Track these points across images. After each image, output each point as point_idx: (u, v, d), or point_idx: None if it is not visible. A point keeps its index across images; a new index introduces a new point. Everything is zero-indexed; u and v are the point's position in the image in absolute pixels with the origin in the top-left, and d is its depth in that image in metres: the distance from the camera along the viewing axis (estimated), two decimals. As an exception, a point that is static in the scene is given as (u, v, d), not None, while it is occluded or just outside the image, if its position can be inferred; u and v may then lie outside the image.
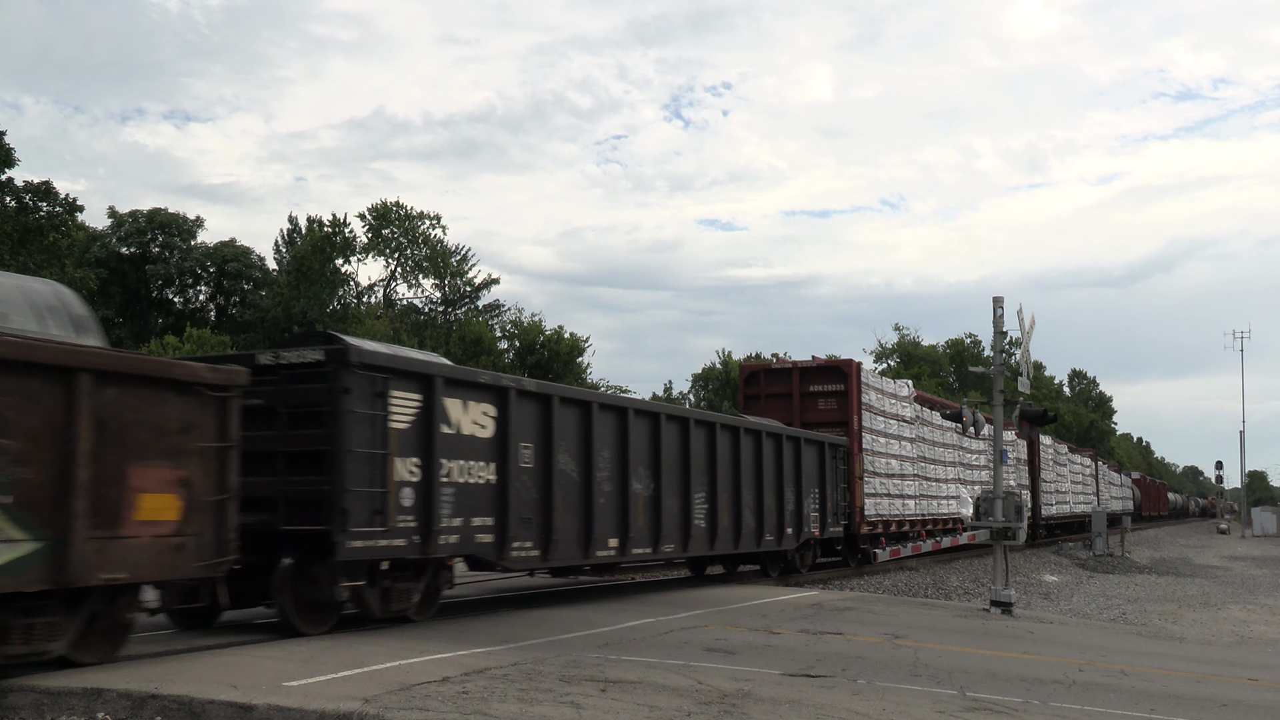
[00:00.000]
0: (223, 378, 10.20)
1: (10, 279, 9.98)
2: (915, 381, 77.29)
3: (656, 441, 17.08)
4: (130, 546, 9.24)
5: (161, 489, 9.59)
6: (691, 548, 18.33)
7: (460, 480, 13.09)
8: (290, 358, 11.89)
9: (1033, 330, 19.57)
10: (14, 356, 8.42)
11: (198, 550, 9.86)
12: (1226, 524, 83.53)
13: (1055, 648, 13.92)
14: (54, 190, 34.00)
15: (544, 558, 14.66)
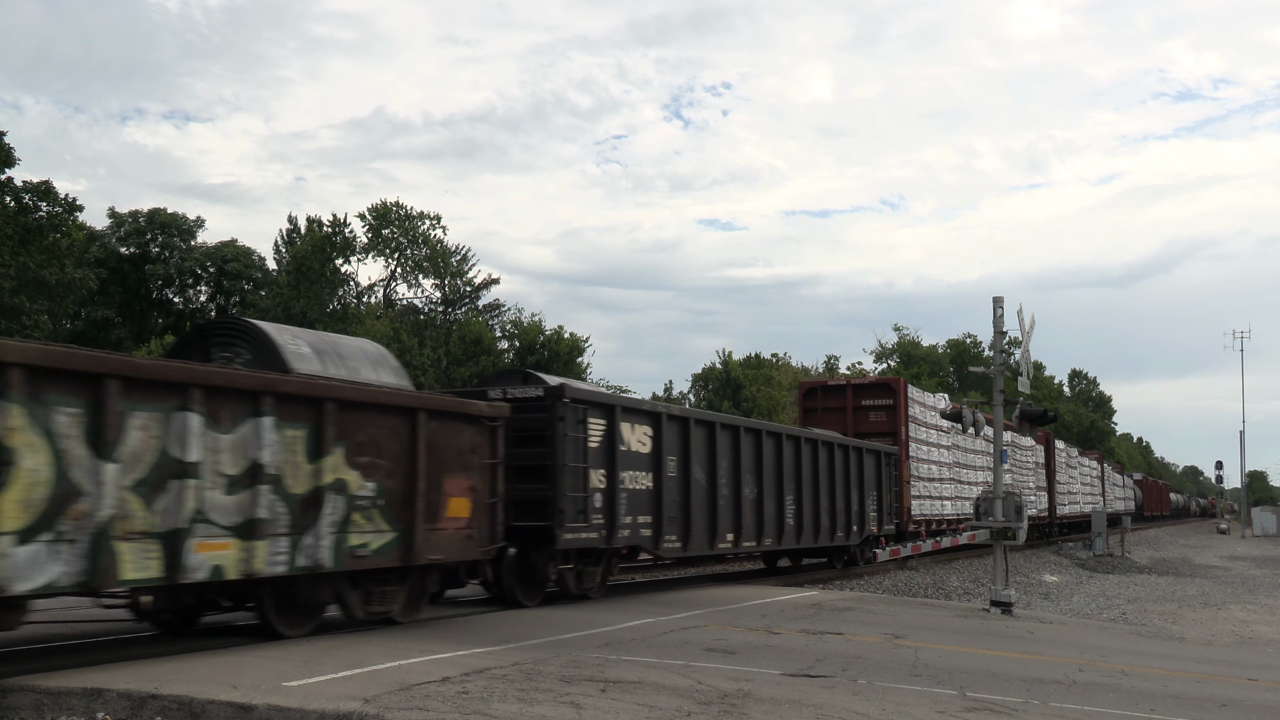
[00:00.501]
0: (495, 411, 13.73)
1: (349, 341, 13.32)
2: (915, 382, 77.83)
3: (759, 453, 20.60)
4: (444, 536, 12.77)
5: (460, 494, 13.06)
6: (784, 542, 21.70)
7: (630, 487, 16.72)
8: (516, 393, 15.30)
9: (1033, 330, 19.58)
10: (385, 401, 12.06)
11: (479, 539, 13.41)
12: (1226, 524, 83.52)
13: (1055, 648, 13.91)
14: (54, 190, 33.99)
15: (684, 549, 18.32)
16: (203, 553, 9.96)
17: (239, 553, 10.31)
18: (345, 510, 11.46)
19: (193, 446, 9.88)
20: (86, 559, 8.95)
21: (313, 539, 11.07)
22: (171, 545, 9.67)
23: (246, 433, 10.45)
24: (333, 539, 11.30)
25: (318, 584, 11.57)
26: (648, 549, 17.55)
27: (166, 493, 9.67)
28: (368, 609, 12.25)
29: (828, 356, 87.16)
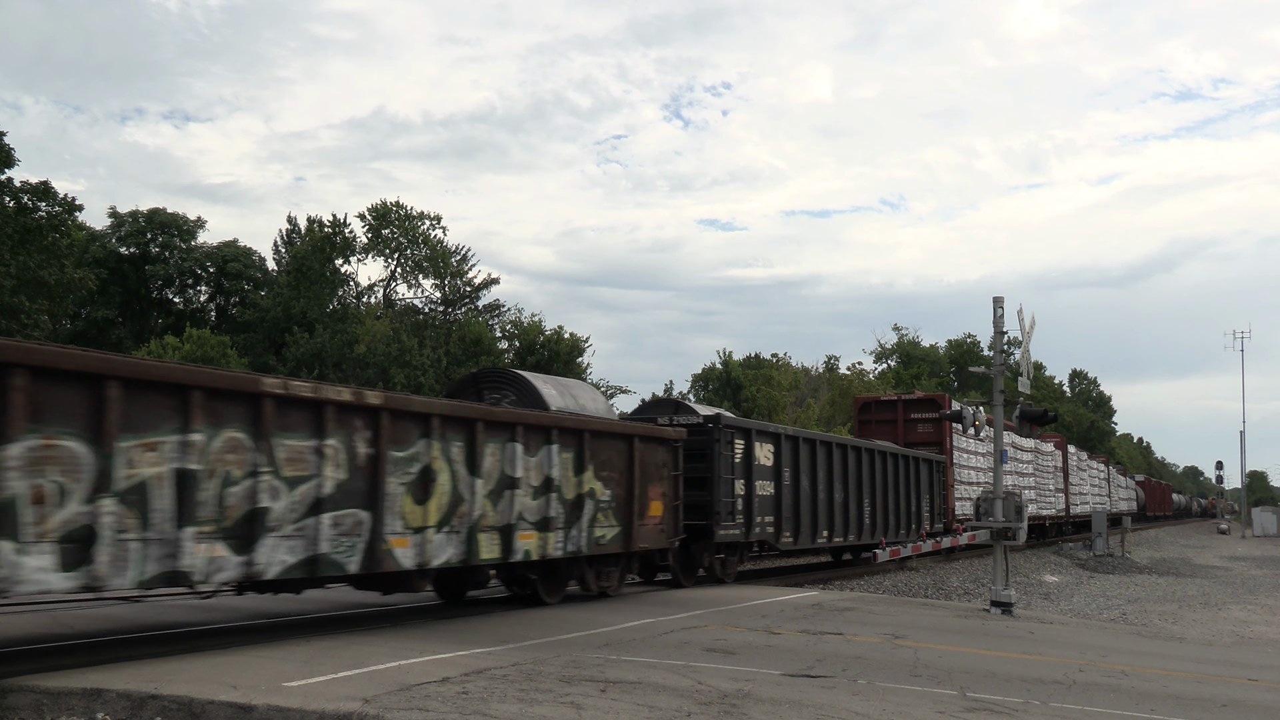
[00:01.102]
0: (678, 435, 18.07)
1: (571, 381, 17.68)
2: (915, 382, 77.49)
3: (845, 463, 24.89)
4: (648, 530, 17.09)
5: (657, 499, 17.37)
6: (862, 537, 25.87)
7: (760, 494, 21.01)
8: (682, 421, 19.51)
9: (1033, 330, 19.56)
10: (616, 430, 16.50)
11: (668, 533, 17.76)
12: (1227, 524, 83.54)
13: (1055, 648, 13.91)
14: (53, 190, 33.99)
15: (795, 543, 22.56)
16: (522, 540, 14.20)
17: (539, 541, 14.57)
18: (594, 511, 15.75)
19: (518, 466, 14.15)
20: (464, 544, 13.18)
21: (576, 531, 15.39)
22: (506, 536, 13.92)
23: (542, 456, 14.74)
24: (587, 532, 15.64)
25: (572, 565, 15.91)
26: (771, 543, 21.78)
27: (503, 499, 13.92)
28: (598, 584, 16.62)
29: (828, 356, 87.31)
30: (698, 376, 70.68)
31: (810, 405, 61.34)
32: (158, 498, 9.52)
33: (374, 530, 11.81)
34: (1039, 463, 42.03)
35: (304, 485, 11.00)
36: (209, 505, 9.94)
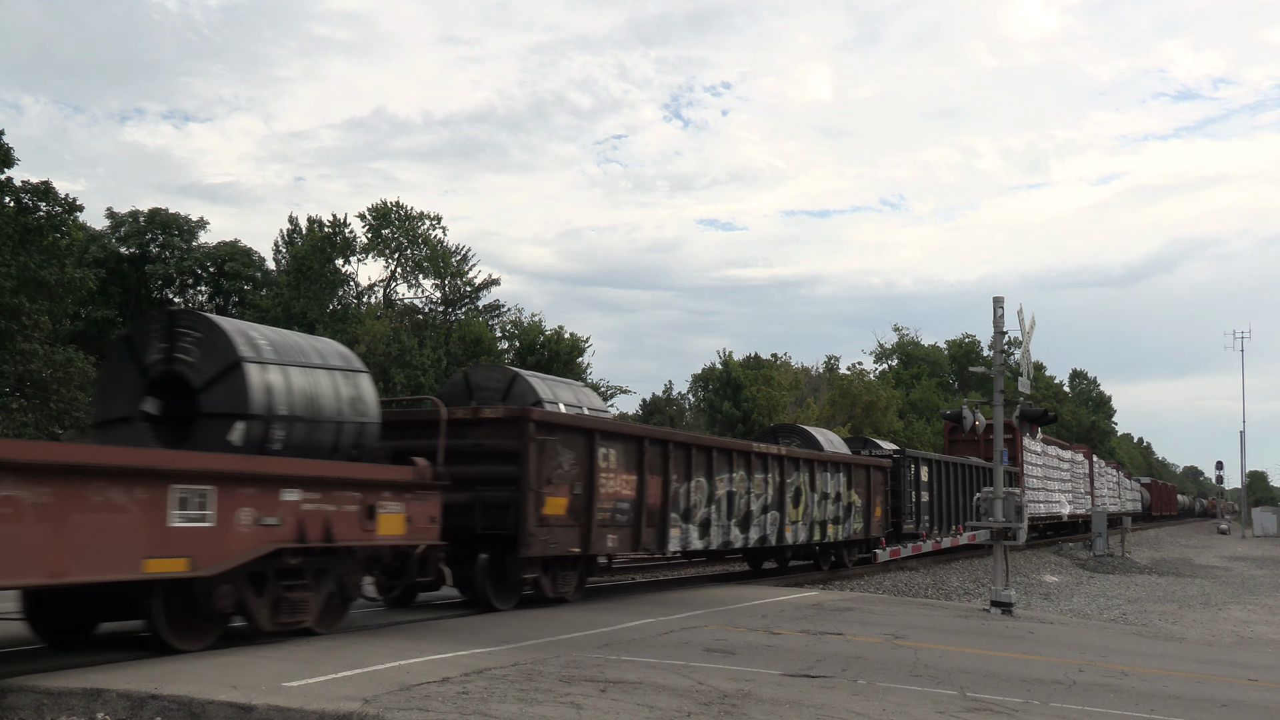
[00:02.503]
0: (883, 464, 27.38)
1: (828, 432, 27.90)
2: (915, 382, 77.24)
3: (957, 474, 33.99)
4: (875, 525, 26.84)
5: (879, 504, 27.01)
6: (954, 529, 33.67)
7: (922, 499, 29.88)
8: (877, 453, 28.33)
9: (1033, 330, 19.56)
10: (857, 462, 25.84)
11: (883, 528, 26.96)
12: (1227, 524, 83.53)
13: (1055, 648, 13.91)
14: (53, 190, 33.96)
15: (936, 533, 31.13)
16: (829, 530, 23.81)
17: (834, 530, 23.99)
18: (853, 512, 24.74)
19: (827, 486, 23.68)
20: (809, 531, 22.92)
21: (847, 525, 24.48)
22: (822, 527, 23.54)
23: (835, 479, 24.02)
24: (850, 525, 24.76)
25: (840, 547, 25.04)
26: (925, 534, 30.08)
27: (821, 505, 23.35)
28: (849, 559, 25.80)
29: (828, 356, 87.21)
30: (698, 376, 70.60)
31: (810, 405, 61.29)
32: (723, 505, 19.40)
33: (780, 523, 21.57)
34: (1073, 470, 51.34)
35: (761, 498, 20.85)
36: (736, 509, 19.83)
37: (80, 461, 9.18)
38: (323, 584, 11.76)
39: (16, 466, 8.59)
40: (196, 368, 11.21)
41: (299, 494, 11.24)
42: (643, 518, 16.68)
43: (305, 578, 11.50)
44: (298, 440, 11.62)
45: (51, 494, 8.81)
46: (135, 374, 11.51)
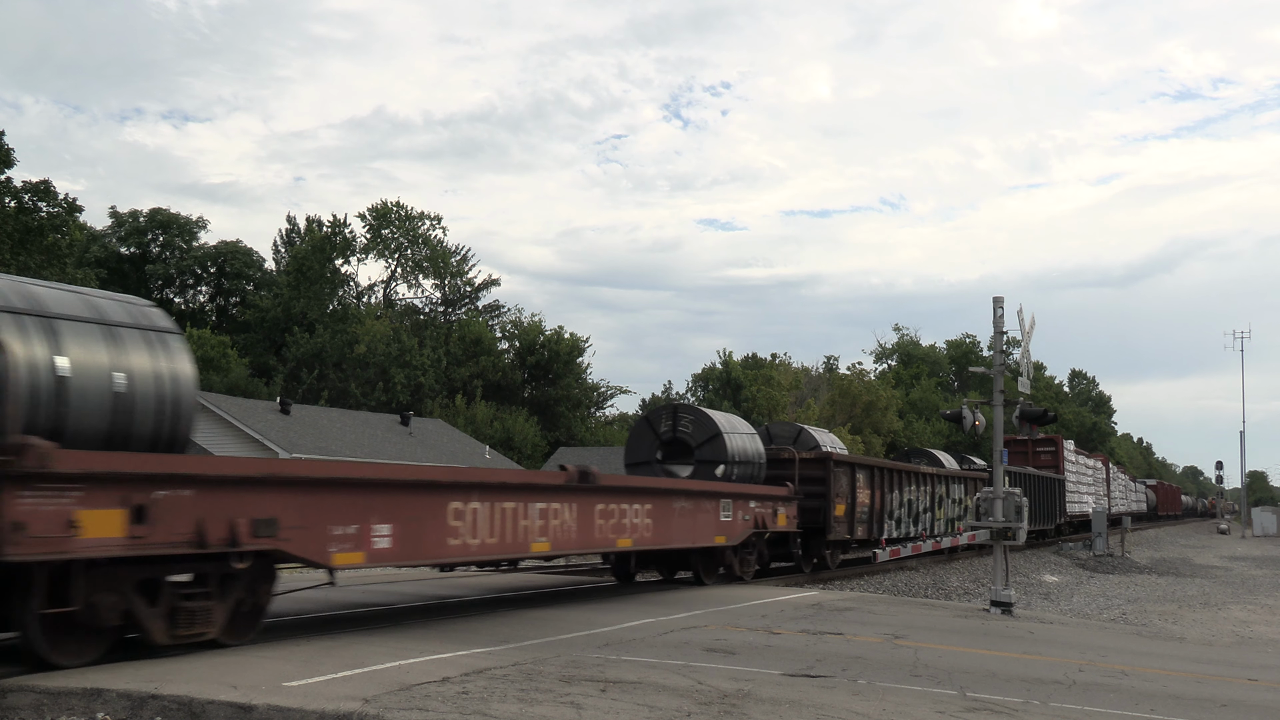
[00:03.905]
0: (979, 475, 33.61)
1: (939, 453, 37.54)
2: (915, 381, 77.52)
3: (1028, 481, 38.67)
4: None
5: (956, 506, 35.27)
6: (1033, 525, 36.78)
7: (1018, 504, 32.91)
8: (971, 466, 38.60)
9: (1033, 330, 19.56)
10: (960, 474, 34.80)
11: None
12: (1227, 524, 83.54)
13: (1055, 648, 13.91)
14: (54, 190, 34.01)
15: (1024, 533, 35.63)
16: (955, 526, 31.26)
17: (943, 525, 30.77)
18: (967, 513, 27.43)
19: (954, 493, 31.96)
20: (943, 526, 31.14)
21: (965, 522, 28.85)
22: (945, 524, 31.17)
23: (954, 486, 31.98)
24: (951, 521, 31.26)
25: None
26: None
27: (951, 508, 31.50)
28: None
29: (828, 356, 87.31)
30: (698, 376, 70.72)
31: (810, 405, 61.29)
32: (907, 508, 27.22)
33: (932, 519, 29.43)
34: (1095, 475, 58.53)
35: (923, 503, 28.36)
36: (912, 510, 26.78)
37: (671, 488, 17.90)
38: (757, 550, 21.36)
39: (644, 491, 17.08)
40: (693, 436, 20.47)
41: (755, 503, 20.38)
42: (873, 516, 26.33)
43: (755, 549, 21.12)
44: (741, 475, 20.73)
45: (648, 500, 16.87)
46: (652, 438, 20.86)
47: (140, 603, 9.70)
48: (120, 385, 9.96)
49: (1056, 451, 48.12)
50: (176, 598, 10.05)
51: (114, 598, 9.48)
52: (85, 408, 9.60)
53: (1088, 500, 53.32)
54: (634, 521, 16.28)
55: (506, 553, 14.02)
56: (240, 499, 10.28)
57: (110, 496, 9.16)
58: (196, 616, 10.16)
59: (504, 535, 13.67)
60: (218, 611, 10.44)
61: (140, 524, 9.35)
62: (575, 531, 14.95)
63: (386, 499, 12.04)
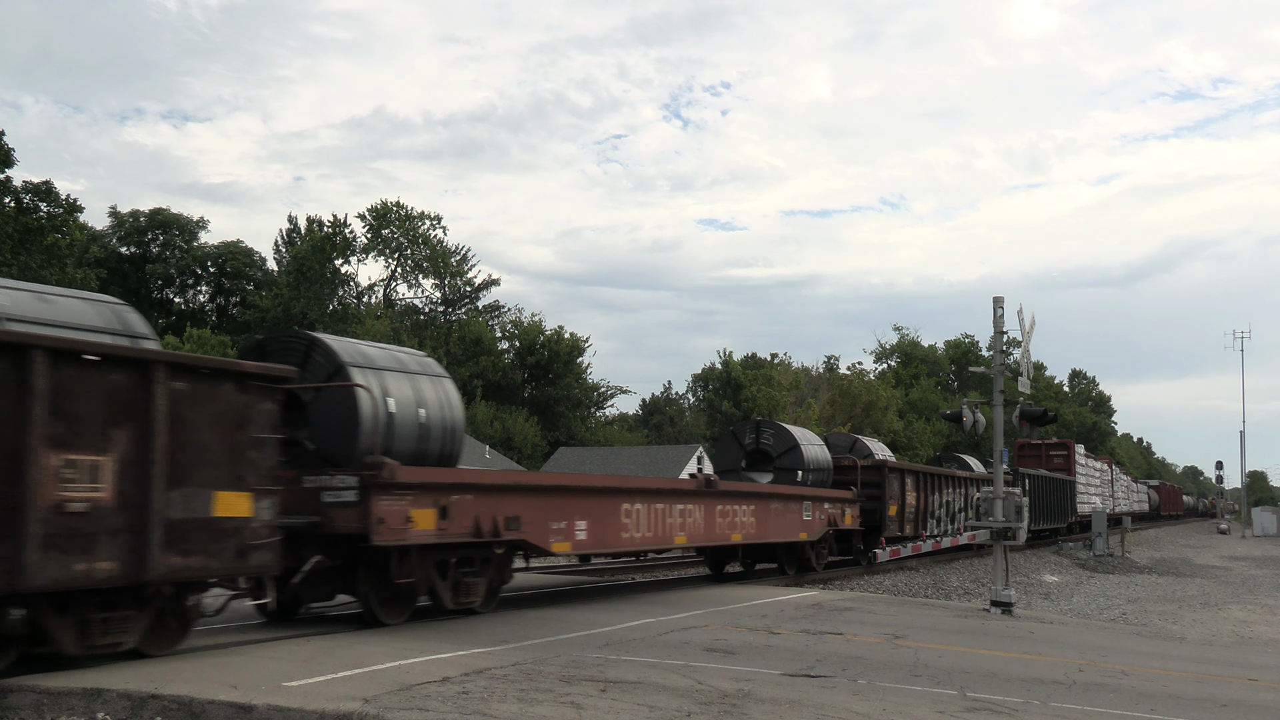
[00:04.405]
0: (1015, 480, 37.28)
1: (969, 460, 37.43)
2: (915, 381, 77.46)
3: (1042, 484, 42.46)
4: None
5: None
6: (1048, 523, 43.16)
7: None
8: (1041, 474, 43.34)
9: (1033, 330, 19.56)
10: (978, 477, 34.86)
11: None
12: (1227, 524, 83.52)
13: (1055, 648, 13.91)
14: (54, 190, 33.99)
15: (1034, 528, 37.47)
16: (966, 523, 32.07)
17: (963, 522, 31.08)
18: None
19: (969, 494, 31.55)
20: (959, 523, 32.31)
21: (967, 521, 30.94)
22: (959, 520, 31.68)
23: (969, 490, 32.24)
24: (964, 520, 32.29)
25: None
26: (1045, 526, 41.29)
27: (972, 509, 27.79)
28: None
29: (828, 356, 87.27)
30: (697, 376, 70.68)
31: (810, 405, 61.29)
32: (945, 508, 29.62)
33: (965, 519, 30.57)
34: (1101, 477, 61.62)
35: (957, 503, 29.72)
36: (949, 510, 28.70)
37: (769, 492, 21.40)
38: (828, 545, 24.40)
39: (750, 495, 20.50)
40: (774, 447, 23.81)
41: (829, 505, 23.65)
42: (918, 516, 29.03)
43: (827, 544, 24.26)
44: (814, 481, 23.78)
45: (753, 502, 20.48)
46: (737, 449, 24.30)
47: (436, 578, 13.22)
48: (422, 417, 13.49)
49: (1068, 455, 51.36)
50: (459, 574, 13.57)
51: (424, 574, 12.95)
52: (403, 435, 13.10)
53: (1095, 500, 55.85)
54: (743, 520, 19.96)
55: (659, 544, 17.80)
56: (499, 501, 13.81)
57: (428, 500, 12.60)
58: (472, 589, 13.81)
59: (657, 530, 17.34)
60: (480, 586, 13.97)
61: (444, 520, 12.84)
62: (703, 527, 18.61)
63: (583, 501, 15.62)
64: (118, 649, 9.51)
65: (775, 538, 21.40)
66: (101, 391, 9.09)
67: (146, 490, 9.35)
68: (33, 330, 8.92)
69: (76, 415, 8.85)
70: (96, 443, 9.04)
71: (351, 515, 11.93)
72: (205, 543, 9.92)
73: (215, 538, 10.04)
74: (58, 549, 8.65)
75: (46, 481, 8.58)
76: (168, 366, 9.64)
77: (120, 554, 9.16)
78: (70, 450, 8.81)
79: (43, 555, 8.52)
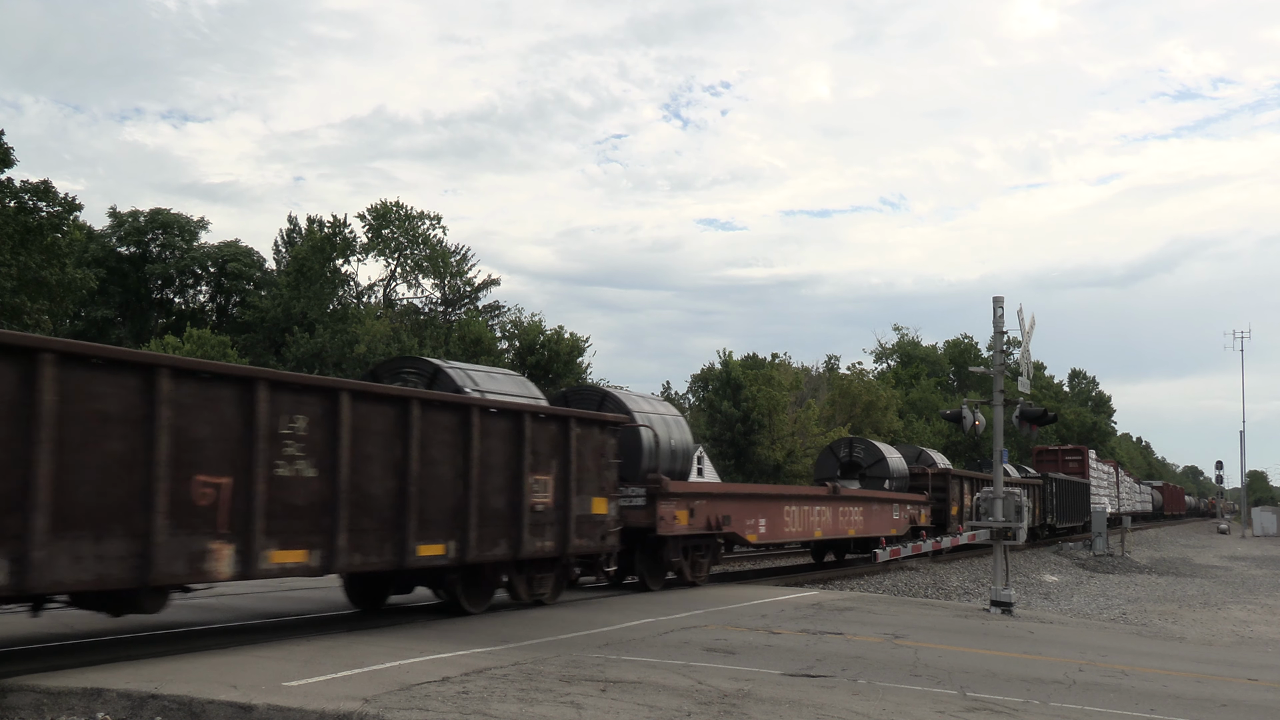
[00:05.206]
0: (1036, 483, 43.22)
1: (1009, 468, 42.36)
2: (915, 381, 77.44)
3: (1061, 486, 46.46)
4: None
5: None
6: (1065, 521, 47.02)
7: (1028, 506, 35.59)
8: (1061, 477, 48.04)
9: (1033, 330, 19.56)
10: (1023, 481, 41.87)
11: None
12: (1227, 524, 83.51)
13: (1055, 648, 13.91)
14: (53, 190, 33.97)
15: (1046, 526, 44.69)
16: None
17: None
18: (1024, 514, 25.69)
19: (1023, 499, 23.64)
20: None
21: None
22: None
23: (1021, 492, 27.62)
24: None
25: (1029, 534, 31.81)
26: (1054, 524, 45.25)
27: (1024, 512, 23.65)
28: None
29: (828, 356, 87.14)
30: (697, 376, 70.57)
31: (810, 405, 61.25)
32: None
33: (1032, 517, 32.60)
34: (1109, 479, 65.60)
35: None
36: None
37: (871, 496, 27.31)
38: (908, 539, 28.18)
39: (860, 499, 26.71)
40: (864, 459, 29.70)
41: (910, 507, 28.97)
42: (963, 515, 32.72)
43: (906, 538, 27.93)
44: (896, 487, 29.23)
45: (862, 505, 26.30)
46: (834, 460, 30.29)
47: (683, 559, 18.88)
48: (674, 444, 19.41)
49: (1083, 460, 56.82)
50: (697, 556, 19.41)
51: (677, 556, 18.65)
52: (662, 457, 18.87)
53: (1105, 501, 60.45)
54: (855, 519, 25.83)
55: (804, 536, 23.70)
56: (718, 505, 19.67)
57: (683, 505, 18.42)
58: (701, 569, 19.56)
59: (804, 526, 23.38)
60: (706, 565, 19.83)
61: (692, 518, 18.56)
62: (831, 524, 24.71)
63: (763, 504, 21.83)
64: (541, 598, 15.00)
65: (875, 533, 26.92)
66: (547, 436, 14.48)
67: (567, 497, 14.75)
68: (520, 402, 14.53)
69: (538, 451, 14.20)
70: (546, 468, 14.37)
71: (641, 515, 17.43)
72: (589, 530, 15.29)
73: (593, 527, 15.39)
74: (533, 533, 14.10)
75: (529, 492, 13.98)
76: (575, 420, 15.14)
77: (555, 536, 14.58)
78: (536, 473, 14.16)
79: (530, 536, 14.03)
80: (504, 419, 13.69)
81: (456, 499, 12.81)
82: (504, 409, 13.74)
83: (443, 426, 12.67)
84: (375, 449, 11.69)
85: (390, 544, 11.89)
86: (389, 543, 11.87)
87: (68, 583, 8.77)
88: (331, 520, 11.11)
